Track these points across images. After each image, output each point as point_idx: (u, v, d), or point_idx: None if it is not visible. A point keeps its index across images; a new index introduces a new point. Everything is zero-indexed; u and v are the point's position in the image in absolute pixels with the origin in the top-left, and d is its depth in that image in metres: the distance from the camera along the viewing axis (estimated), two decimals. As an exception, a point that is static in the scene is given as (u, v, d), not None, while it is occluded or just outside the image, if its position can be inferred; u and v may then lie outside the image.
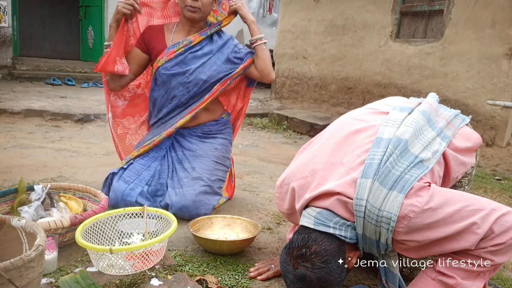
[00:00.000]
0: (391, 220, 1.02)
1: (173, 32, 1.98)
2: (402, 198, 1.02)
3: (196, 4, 1.84)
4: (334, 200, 1.10)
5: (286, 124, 5.08)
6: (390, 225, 1.03)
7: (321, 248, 1.05)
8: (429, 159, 1.12)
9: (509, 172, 3.46)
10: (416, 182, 1.05)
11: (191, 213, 1.76)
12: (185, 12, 1.87)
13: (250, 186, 2.42)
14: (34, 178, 2.21)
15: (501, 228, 0.99)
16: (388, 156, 1.08)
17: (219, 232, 1.63)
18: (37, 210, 1.50)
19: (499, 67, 4.07)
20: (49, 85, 6.87)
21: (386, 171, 1.06)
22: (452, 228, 1.00)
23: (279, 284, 1.32)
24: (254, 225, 1.61)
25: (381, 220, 1.04)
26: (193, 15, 1.86)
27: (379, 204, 1.03)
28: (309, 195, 1.15)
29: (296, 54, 6.30)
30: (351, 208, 1.08)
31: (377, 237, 1.07)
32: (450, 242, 1.03)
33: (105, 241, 1.41)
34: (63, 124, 4.07)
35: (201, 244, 1.51)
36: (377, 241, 1.08)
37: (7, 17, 7.02)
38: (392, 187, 1.04)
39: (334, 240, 1.08)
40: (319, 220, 1.10)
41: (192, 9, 1.84)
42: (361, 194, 1.05)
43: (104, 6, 8.60)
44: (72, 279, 1.16)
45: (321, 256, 1.03)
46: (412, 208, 1.01)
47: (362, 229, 1.08)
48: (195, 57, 1.94)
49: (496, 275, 1.58)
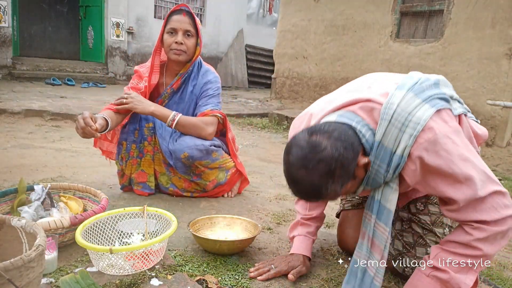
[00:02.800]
0: (419, 124, 0.99)
1: (164, 77, 2.07)
2: (433, 111, 1.01)
3: (181, 48, 1.93)
4: (359, 106, 1.08)
5: (286, 124, 5.08)
6: (416, 130, 0.99)
7: (339, 131, 1.01)
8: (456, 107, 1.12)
9: (509, 172, 3.46)
10: (448, 107, 1.04)
11: (188, 144, 1.89)
12: (170, 55, 1.96)
13: (250, 186, 2.42)
14: (34, 178, 2.21)
15: (493, 204, 1.01)
16: (421, 82, 1.07)
17: (219, 232, 1.63)
18: (37, 210, 1.50)
19: (499, 67, 4.08)
20: (49, 85, 6.87)
21: (421, 89, 1.05)
22: (461, 169, 0.99)
23: (279, 284, 1.32)
24: (254, 225, 1.61)
25: (408, 125, 1.00)
26: (178, 57, 1.95)
27: (410, 109, 1.01)
28: (332, 106, 1.12)
29: (296, 54, 6.31)
30: (376, 116, 1.05)
31: (395, 147, 1.03)
32: (449, 184, 1.01)
33: (105, 241, 1.41)
34: (63, 124, 4.07)
35: (201, 244, 1.51)
36: (391, 154, 1.04)
37: (7, 17, 7.02)
38: (426, 100, 1.02)
39: (353, 133, 1.04)
40: (341, 116, 1.07)
41: (177, 51, 1.93)
42: (393, 100, 1.03)
43: (104, 6, 8.61)
44: (72, 279, 1.16)
45: (338, 134, 1.00)
46: (439, 127, 1.00)
47: (383, 135, 1.04)
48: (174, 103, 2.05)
49: (496, 275, 1.58)
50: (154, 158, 2.01)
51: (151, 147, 1.99)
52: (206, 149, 1.94)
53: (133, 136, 1.98)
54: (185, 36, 1.94)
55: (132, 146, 1.98)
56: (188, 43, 1.95)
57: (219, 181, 2.08)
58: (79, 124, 1.59)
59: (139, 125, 1.97)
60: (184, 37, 1.93)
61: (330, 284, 1.34)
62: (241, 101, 7.46)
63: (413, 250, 1.36)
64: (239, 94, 8.89)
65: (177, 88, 2.05)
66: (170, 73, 2.07)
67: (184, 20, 1.93)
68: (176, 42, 1.92)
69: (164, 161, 2.01)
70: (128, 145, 1.98)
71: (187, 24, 1.94)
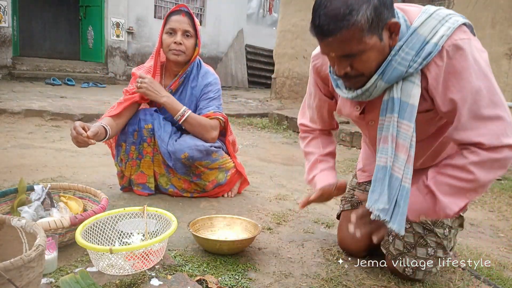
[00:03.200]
0: (458, 22, 1.04)
1: (163, 78, 2.06)
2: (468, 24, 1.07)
3: (180, 48, 1.92)
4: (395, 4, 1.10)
5: (286, 124, 5.08)
6: (455, 24, 1.03)
7: None
8: None
9: (509, 172, 3.46)
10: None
11: (189, 144, 1.90)
12: (169, 55, 1.95)
13: (250, 186, 2.42)
14: (34, 178, 2.21)
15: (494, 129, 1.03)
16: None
17: (219, 232, 1.63)
18: (37, 210, 1.50)
19: (499, 67, 4.08)
20: (49, 85, 6.87)
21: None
22: (475, 81, 1.02)
23: (279, 284, 1.32)
24: (254, 225, 1.61)
25: (448, 20, 1.04)
26: (177, 58, 1.95)
27: (449, 12, 1.07)
28: None
29: (296, 54, 6.30)
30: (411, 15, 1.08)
31: (431, 36, 1.04)
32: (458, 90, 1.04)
33: (105, 241, 1.41)
34: (63, 124, 4.07)
35: (201, 244, 1.51)
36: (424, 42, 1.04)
37: (7, 17, 7.02)
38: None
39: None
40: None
41: (176, 52, 1.93)
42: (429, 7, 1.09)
43: (104, 6, 8.62)
44: (72, 279, 1.16)
45: None
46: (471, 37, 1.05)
47: (420, 24, 1.05)
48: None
49: (496, 275, 1.58)
50: (153, 159, 2.00)
51: (151, 148, 1.98)
52: (206, 149, 1.95)
53: (132, 138, 1.97)
54: (184, 37, 1.93)
55: (132, 147, 1.98)
56: (187, 44, 1.94)
57: (219, 181, 2.08)
58: (71, 134, 1.63)
59: (138, 126, 1.96)
60: (183, 37, 1.93)
61: (330, 284, 1.34)
62: (241, 101, 7.47)
63: (413, 250, 1.36)
64: (239, 94, 8.89)
65: (175, 89, 2.04)
66: (169, 74, 2.07)
67: (183, 21, 1.93)
68: (175, 43, 1.92)
69: (163, 162, 2.00)
70: (128, 146, 1.98)
71: (186, 25, 1.94)
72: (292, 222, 1.91)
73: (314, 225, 1.91)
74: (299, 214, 2.05)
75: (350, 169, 3.32)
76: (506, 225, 2.44)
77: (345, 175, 3.12)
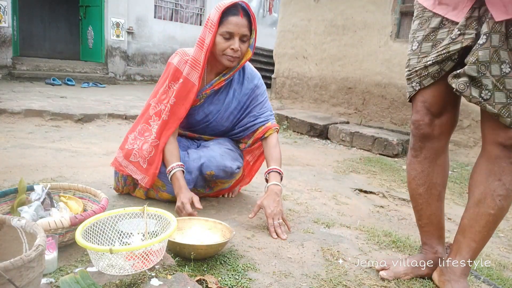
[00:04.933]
0: None
1: (205, 72, 1.93)
2: None
3: (236, 54, 1.78)
4: None
5: (286, 124, 5.07)
6: None
7: None
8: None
9: (509, 172, 3.45)
10: None
11: (218, 163, 1.88)
12: (223, 60, 1.80)
13: (250, 186, 2.42)
14: (34, 178, 2.21)
15: None
16: None
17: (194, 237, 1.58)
18: (37, 210, 1.50)
19: (499, 67, 4.07)
20: (49, 85, 6.87)
21: None
22: None
23: (279, 284, 1.32)
24: (230, 231, 1.55)
25: None
26: (232, 64, 1.82)
27: None
28: None
29: (296, 54, 6.30)
30: None
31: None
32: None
33: (105, 241, 1.41)
34: (63, 124, 4.07)
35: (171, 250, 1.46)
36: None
37: (7, 17, 7.02)
38: None
39: None
40: None
41: (232, 59, 1.79)
42: None
43: (104, 6, 8.61)
44: (72, 279, 1.16)
45: None
46: None
47: None
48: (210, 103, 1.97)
49: (496, 275, 1.58)
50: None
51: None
52: (232, 172, 1.94)
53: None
54: (241, 42, 1.77)
55: (128, 177, 1.96)
56: (243, 49, 1.80)
57: (223, 187, 2.11)
58: (178, 210, 1.73)
59: None
60: (240, 42, 1.76)
61: (330, 284, 1.34)
62: (241, 101, 7.44)
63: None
64: (239, 94, 8.87)
65: (217, 89, 1.94)
66: (213, 70, 1.92)
67: (242, 24, 1.74)
68: (232, 49, 1.75)
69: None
70: (124, 175, 1.96)
71: (245, 29, 1.75)
72: (292, 222, 1.91)
73: (314, 225, 1.91)
74: (299, 214, 2.05)
75: (350, 169, 3.31)
76: (506, 225, 2.44)
77: (345, 175, 3.12)
